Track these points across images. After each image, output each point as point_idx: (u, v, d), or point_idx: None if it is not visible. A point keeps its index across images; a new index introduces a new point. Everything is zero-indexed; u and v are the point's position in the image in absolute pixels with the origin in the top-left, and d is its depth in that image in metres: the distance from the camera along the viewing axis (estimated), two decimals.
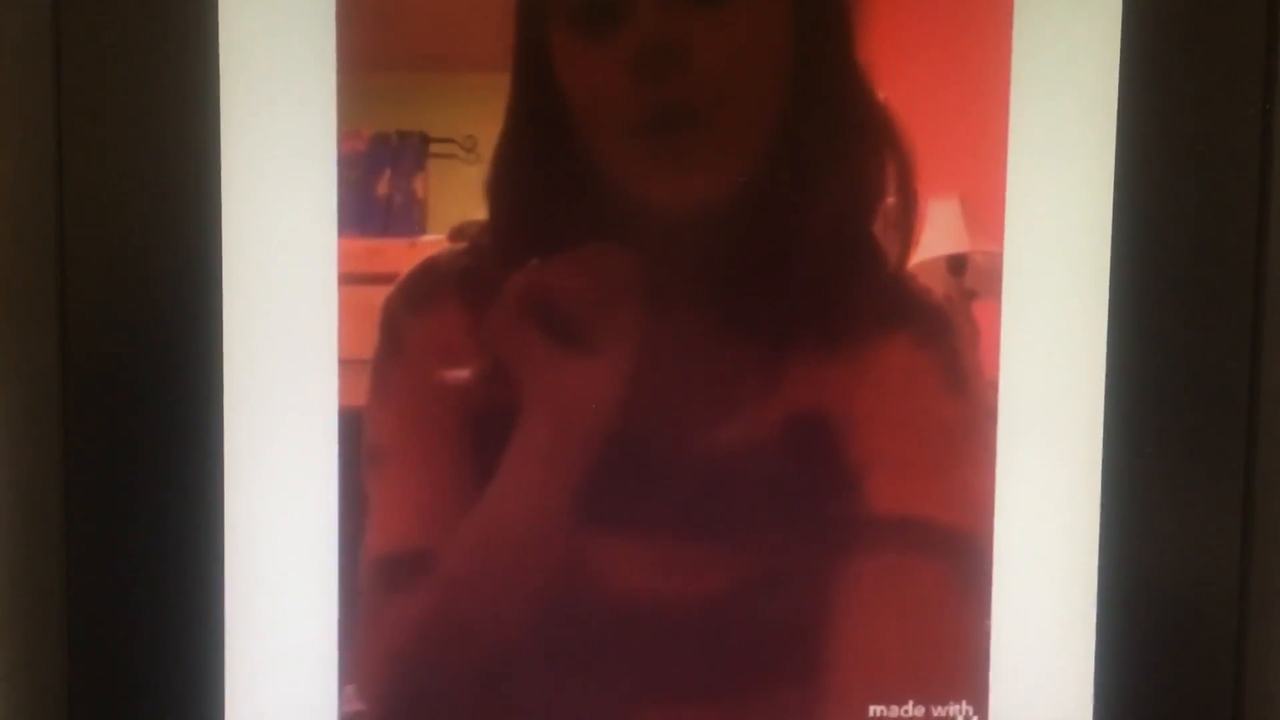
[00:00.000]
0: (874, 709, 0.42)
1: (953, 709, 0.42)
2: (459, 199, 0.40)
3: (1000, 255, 0.41)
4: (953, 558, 0.41)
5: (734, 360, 0.40)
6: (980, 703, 0.42)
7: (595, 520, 0.40)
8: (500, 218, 0.39)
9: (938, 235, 0.40)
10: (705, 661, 0.41)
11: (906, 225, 0.40)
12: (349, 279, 0.39)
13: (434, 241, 0.40)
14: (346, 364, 0.40)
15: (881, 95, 0.40)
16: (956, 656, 0.42)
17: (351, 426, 0.40)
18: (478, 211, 0.40)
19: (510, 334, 0.40)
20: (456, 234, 0.40)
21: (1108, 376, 0.41)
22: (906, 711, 0.42)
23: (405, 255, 0.40)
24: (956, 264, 0.40)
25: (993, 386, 0.41)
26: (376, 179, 0.40)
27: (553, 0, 0.39)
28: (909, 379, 0.41)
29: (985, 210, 0.40)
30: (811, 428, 0.40)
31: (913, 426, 0.41)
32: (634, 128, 0.39)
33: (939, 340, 0.41)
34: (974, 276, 0.41)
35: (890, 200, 0.40)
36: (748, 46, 0.39)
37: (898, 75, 0.40)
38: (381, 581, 0.40)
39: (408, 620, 0.41)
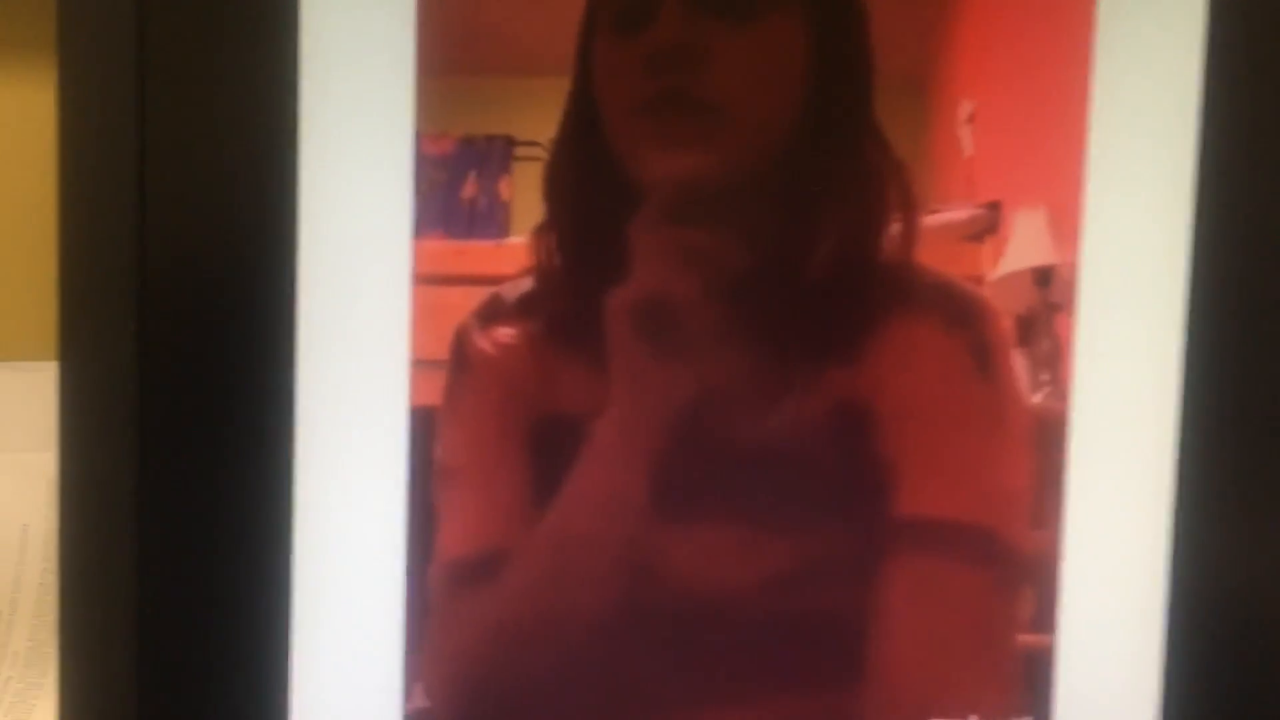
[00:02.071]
0: None
1: None
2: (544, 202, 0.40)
3: (1076, 268, 0.41)
4: (1018, 569, 0.41)
5: (794, 356, 0.40)
6: (1044, 719, 0.41)
7: (665, 519, 0.40)
8: (555, 220, 0.40)
9: (1023, 247, 0.40)
10: (769, 663, 0.41)
11: (911, 233, 0.40)
12: (426, 280, 0.40)
13: (518, 244, 0.40)
14: (419, 364, 0.40)
15: (965, 106, 0.40)
16: (1021, 671, 0.41)
17: (423, 427, 0.40)
18: None
19: (599, 339, 0.40)
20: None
21: (1182, 391, 0.41)
22: None
23: (491, 257, 0.40)
24: (1041, 276, 0.40)
25: (1065, 399, 0.41)
26: (461, 181, 0.40)
27: (602, 5, 0.39)
28: (978, 386, 0.41)
29: (1064, 222, 0.40)
30: (870, 428, 0.40)
31: (981, 435, 0.41)
32: (639, 108, 0.40)
33: (1010, 351, 0.41)
34: (1058, 289, 0.41)
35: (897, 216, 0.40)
36: (765, 62, 0.40)
37: (978, 85, 0.40)
38: (451, 581, 0.40)
39: (477, 619, 0.41)
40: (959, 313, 0.41)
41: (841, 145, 0.40)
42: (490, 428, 0.41)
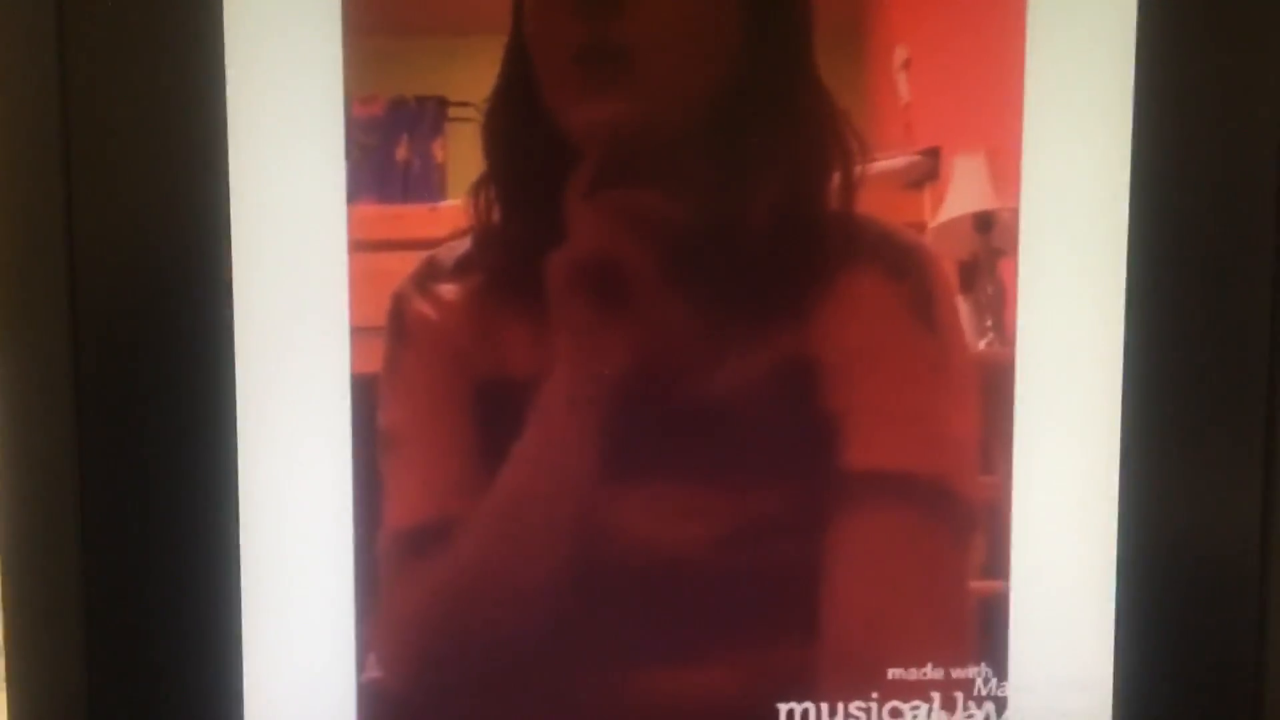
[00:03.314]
0: (892, 672, 0.42)
1: (971, 671, 0.42)
2: (479, 163, 0.39)
3: (1018, 212, 0.40)
4: (968, 517, 0.41)
5: (737, 311, 0.40)
6: (1000, 665, 0.42)
7: (614, 480, 0.40)
8: (492, 178, 0.39)
9: (963, 193, 0.40)
10: (723, 620, 0.41)
11: (850, 183, 0.40)
12: (362, 246, 0.39)
13: (453, 206, 0.39)
14: (358, 331, 0.39)
15: (899, 52, 0.40)
16: (975, 619, 0.41)
17: (365, 394, 0.40)
18: None
19: (540, 300, 0.40)
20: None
21: (1126, 336, 0.41)
22: (925, 674, 0.42)
23: (427, 220, 0.39)
24: (982, 222, 0.40)
25: (1010, 345, 0.41)
26: (394, 144, 0.39)
27: None
28: (931, 339, 0.41)
29: (1003, 167, 0.40)
30: (816, 381, 0.40)
31: (926, 385, 0.41)
32: (569, 59, 0.39)
33: (954, 298, 0.41)
34: (999, 234, 0.41)
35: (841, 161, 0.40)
36: (697, 6, 0.39)
37: (913, 30, 0.40)
38: (400, 549, 0.40)
39: (428, 587, 0.40)
40: (900, 261, 0.41)
41: (778, 94, 0.40)
42: (432, 393, 0.40)
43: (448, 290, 0.40)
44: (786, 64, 0.40)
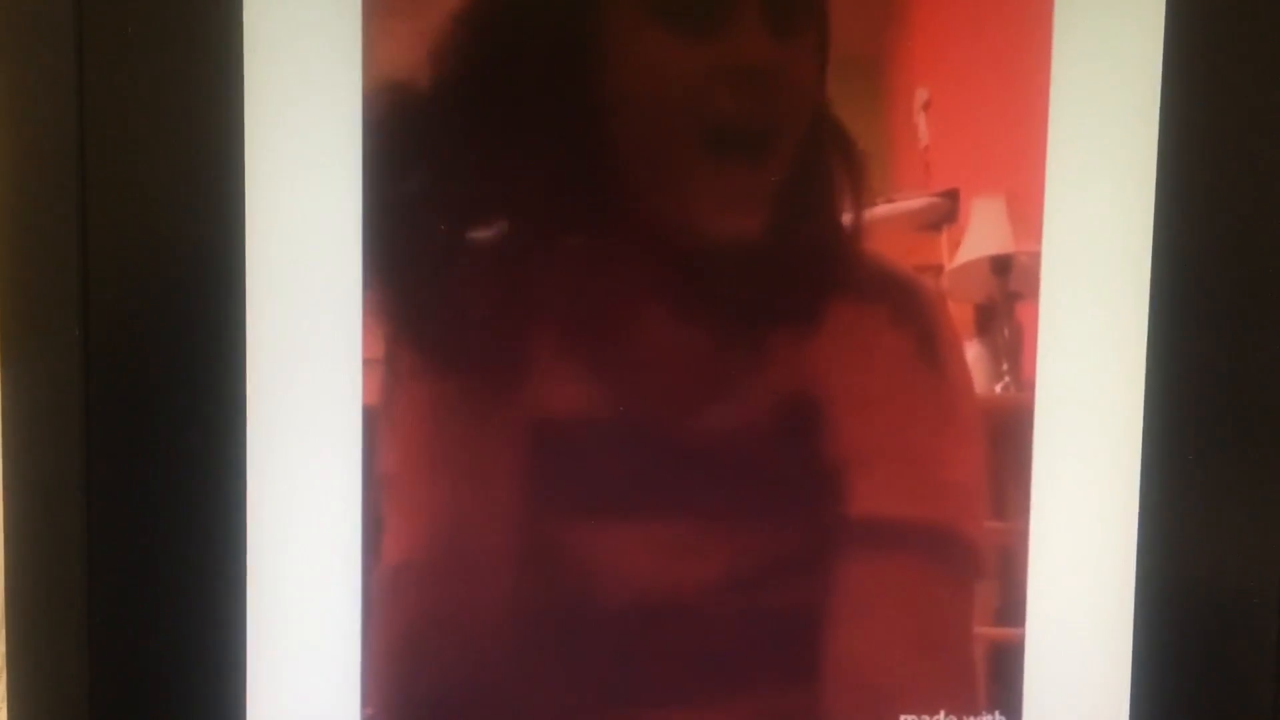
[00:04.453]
0: (904, 718, 0.41)
1: (985, 719, 0.41)
2: None
3: (1039, 256, 0.40)
4: (976, 563, 0.41)
5: (746, 351, 0.40)
6: (1014, 712, 0.41)
7: (616, 518, 0.40)
8: (520, 213, 0.39)
9: (981, 236, 0.40)
10: (731, 666, 0.41)
11: (860, 224, 0.39)
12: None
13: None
14: (371, 363, 0.39)
15: (920, 92, 0.39)
16: (989, 666, 0.41)
17: (376, 426, 0.39)
18: None
19: (527, 339, 0.39)
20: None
21: (1148, 379, 0.40)
22: None
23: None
24: (1000, 265, 0.40)
25: (1030, 388, 0.40)
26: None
27: None
28: (940, 383, 0.40)
29: (1024, 210, 0.40)
30: (819, 423, 0.40)
31: (932, 430, 0.40)
32: (703, 142, 0.38)
33: (961, 342, 0.40)
34: (1017, 278, 0.40)
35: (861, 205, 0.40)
36: (802, 74, 0.39)
37: (933, 71, 0.39)
38: (399, 585, 0.40)
39: (425, 625, 0.40)
40: (907, 304, 0.40)
41: (798, 135, 0.39)
42: (432, 429, 0.40)
43: (445, 324, 0.39)
44: (805, 103, 0.39)
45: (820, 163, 0.39)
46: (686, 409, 0.40)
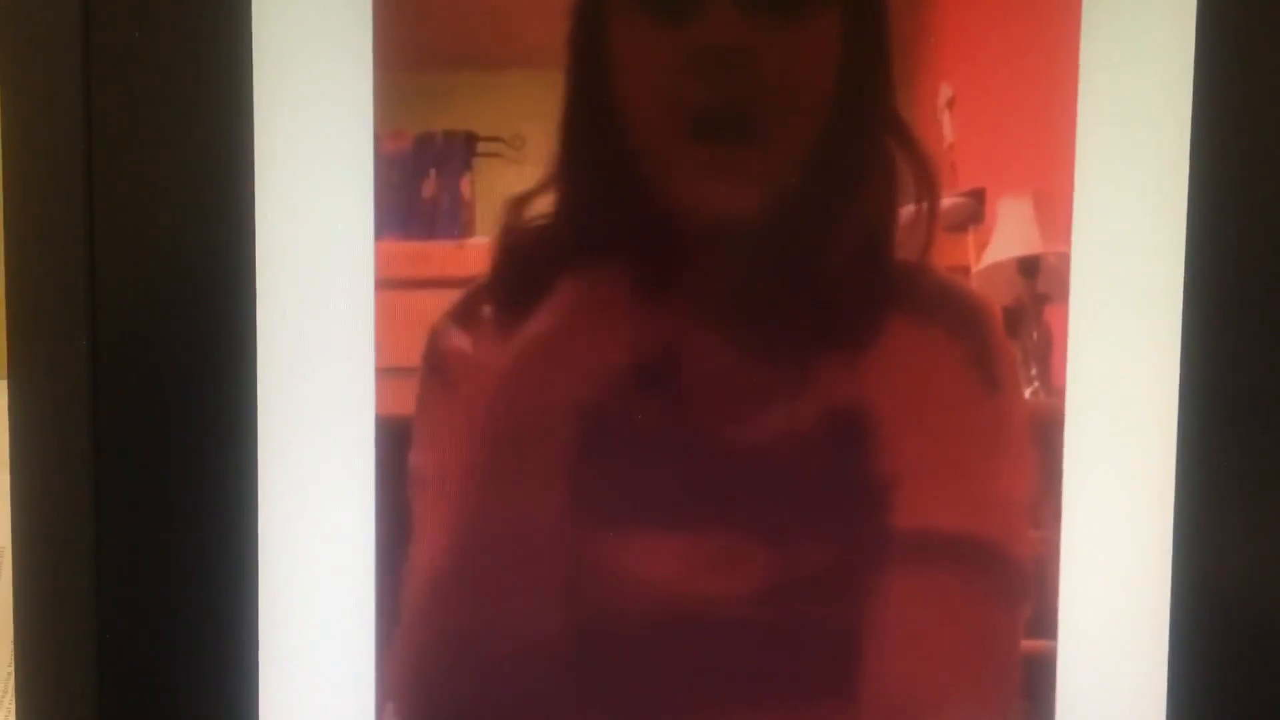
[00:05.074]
0: None
1: None
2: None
3: (1068, 257, 0.39)
4: (1018, 578, 0.40)
5: (776, 366, 0.39)
6: None
7: (654, 527, 0.39)
8: (549, 219, 0.39)
9: (1008, 236, 0.39)
10: (765, 679, 0.40)
11: (931, 230, 0.39)
12: (387, 284, 0.39)
13: (482, 244, 0.39)
14: (384, 372, 0.39)
15: (944, 90, 0.39)
16: (1021, 679, 0.40)
17: (390, 436, 0.39)
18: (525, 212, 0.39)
19: (565, 344, 0.39)
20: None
21: (1181, 384, 0.39)
22: None
23: (454, 258, 0.39)
24: (1028, 266, 0.39)
25: (1060, 394, 0.40)
26: (421, 180, 0.39)
27: None
28: (969, 390, 0.40)
29: (1053, 210, 0.39)
30: (867, 436, 0.39)
31: (983, 447, 0.40)
32: (688, 130, 0.38)
33: (1000, 349, 0.40)
34: (1046, 279, 0.40)
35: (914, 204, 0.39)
36: (804, 59, 0.38)
37: (957, 68, 0.39)
38: (427, 595, 0.40)
39: (453, 635, 0.40)
40: (963, 320, 0.40)
41: (866, 142, 0.39)
42: (470, 434, 0.39)
43: (487, 329, 0.39)
44: (875, 109, 0.39)
45: (874, 168, 0.39)
46: (733, 422, 0.39)
